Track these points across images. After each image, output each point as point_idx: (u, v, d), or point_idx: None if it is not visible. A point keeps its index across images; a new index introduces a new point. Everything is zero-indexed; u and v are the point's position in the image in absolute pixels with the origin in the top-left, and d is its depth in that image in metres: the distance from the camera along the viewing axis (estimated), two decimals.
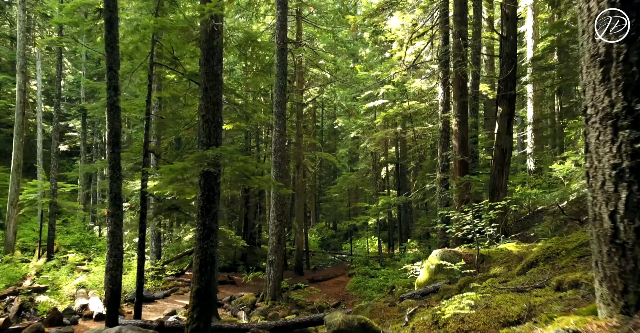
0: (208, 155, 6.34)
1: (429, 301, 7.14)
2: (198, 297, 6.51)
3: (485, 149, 19.93)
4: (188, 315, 6.45)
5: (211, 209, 6.79)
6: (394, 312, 6.93)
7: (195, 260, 6.65)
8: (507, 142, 12.11)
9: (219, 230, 9.88)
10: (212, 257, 6.70)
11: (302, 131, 22.31)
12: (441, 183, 12.92)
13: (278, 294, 14.10)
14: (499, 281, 5.10)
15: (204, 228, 6.74)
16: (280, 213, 14.25)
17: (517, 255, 7.73)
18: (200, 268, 6.60)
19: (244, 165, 6.67)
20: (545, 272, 4.86)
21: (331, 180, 38.89)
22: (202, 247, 6.68)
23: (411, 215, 28.65)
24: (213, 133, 6.89)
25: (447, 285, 7.29)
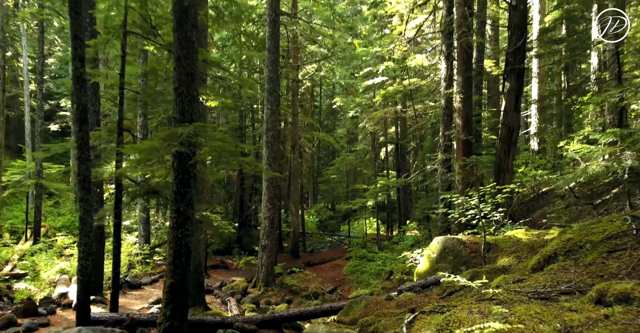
0: (179, 133, 5.55)
1: (430, 295, 6.45)
2: (172, 292, 5.81)
3: (489, 128, 19.10)
4: (161, 312, 5.78)
5: (186, 194, 6.03)
6: (391, 307, 6.24)
7: (169, 251, 5.94)
8: (515, 120, 11.28)
9: (205, 215, 9.16)
10: (187, 248, 5.98)
11: (298, 110, 21.43)
12: (443, 165, 12.15)
13: (271, 280, 13.51)
14: (513, 279, 4.37)
15: (178, 215, 5.99)
16: (273, 196, 13.53)
17: (527, 244, 7.01)
18: (174, 260, 5.89)
19: (223, 145, 5.90)
20: (568, 270, 4.13)
21: (330, 161, 38.11)
22: (177, 236, 5.95)
23: (410, 196, 28.00)
24: (187, 108, 6.07)
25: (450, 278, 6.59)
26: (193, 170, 6.15)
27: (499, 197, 7.51)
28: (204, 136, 5.93)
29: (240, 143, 24.29)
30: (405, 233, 19.23)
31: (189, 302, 5.98)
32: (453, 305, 4.50)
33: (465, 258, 7.36)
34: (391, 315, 5.68)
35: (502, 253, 7.04)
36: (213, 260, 18.67)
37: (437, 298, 6.15)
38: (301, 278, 15.06)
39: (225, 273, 15.93)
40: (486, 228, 7.55)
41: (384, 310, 6.00)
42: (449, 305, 4.65)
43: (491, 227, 8.27)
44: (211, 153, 6.02)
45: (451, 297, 5.95)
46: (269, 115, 13.53)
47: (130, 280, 12.73)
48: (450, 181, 12.19)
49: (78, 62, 7.28)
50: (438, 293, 6.48)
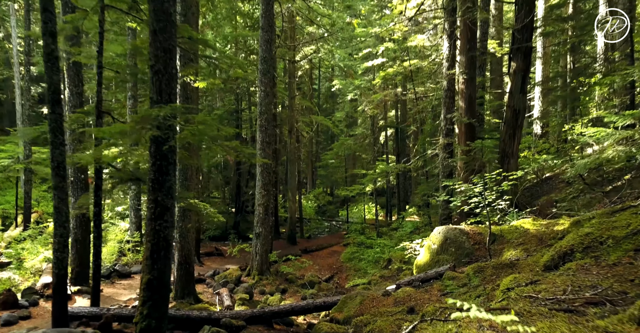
0: (153, 115, 4.99)
1: (431, 291, 5.98)
2: (149, 289, 5.33)
3: (492, 111, 18.48)
4: (137, 311, 5.31)
5: (164, 182, 5.50)
6: (388, 305, 5.78)
7: (146, 245, 5.44)
8: (521, 102, 10.69)
9: (192, 203, 8.65)
10: (166, 241, 5.48)
11: (295, 93, 20.76)
12: (444, 150, 11.60)
13: (265, 268, 13.09)
14: (525, 279, 3.87)
15: (156, 205, 5.47)
16: (267, 182, 13.01)
17: (536, 235, 6.52)
18: (151, 255, 5.39)
19: (203, 129, 5.34)
20: (589, 271, 3.62)
21: (329, 145, 37.50)
22: (154, 228, 5.43)
23: (410, 181, 27.52)
24: (165, 88, 5.49)
25: (453, 272, 6.11)
26: (172, 156, 5.59)
27: (504, 184, 6.98)
28: (182, 118, 5.36)
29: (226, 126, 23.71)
30: (405, 219, 18.78)
31: (169, 300, 5.52)
32: (457, 308, 4.01)
33: (468, 250, 6.88)
34: (388, 314, 5.20)
35: (508, 246, 6.55)
36: (208, 247, 18.28)
37: (439, 295, 5.68)
38: (297, 266, 14.65)
39: (220, 261, 15.53)
40: (491, 218, 7.04)
41: (380, 309, 5.53)
42: (453, 307, 4.16)
43: (495, 216, 7.77)
44: (192, 138, 5.47)
45: (453, 294, 5.47)
46: (263, 97, 12.92)
47: (119, 268, 12.30)
48: (452, 167, 11.66)
49: (49, 38, 6.69)
50: (439, 288, 6.01)
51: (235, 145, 6.02)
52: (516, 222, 7.46)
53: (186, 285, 10.01)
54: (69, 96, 10.39)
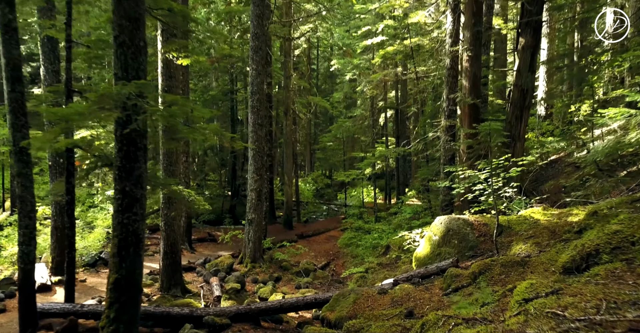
0: (114, 93, 4.33)
1: (432, 290, 5.41)
2: (117, 289, 4.76)
3: (495, 91, 17.73)
4: (104, 315, 4.77)
5: (133, 170, 4.87)
6: (385, 305, 5.22)
7: (113, 240, 4.85)
8: (529, 81, 9.99)
9: (176, 190, 8.03)
10: (136, 236, 4.88)
11: (291, 72, 19.95)
12: (446, 132, 10.94)
13: (259, 256, 12.58)
14: (543, 286, 3.28)
15: (124, 196, 4.85)
16: (260, 167, 12.38)
17: (547, 227, 5.92)
18: (119, 252, 4.80)
19: (174, 110, 4.68)
20: (623, 280, 3.03)
21: (328, 127, 36.77)
22: (122, 222, 4.83)
23: (410, 164, 26.90)
24: (131, 62, 4.81)
25: (456, 268, 5.53)
26: (142, 140, 4.95)
27: (513, 170, 6.35)
28: (151, 97, 4.69)
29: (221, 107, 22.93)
30: (404, 203, 18.23)
31: (140, 301, 4.97)
32: (463, 318, 3.44)
33: (473, 243, 6.30)
34: (384, 318, 4.64)
35: (517, 238, 5.96)
36: (201, 232, 17.77)
37: (440, 295, 5.12)
38: (292, 252, 14.15)
39: (213, 247, 15.04)
40: (498, 207, 6.44)
41: (375, 311, 4.97)
42: (457, 315, 3.59)
43: (501, 204, 7.15)
44: (162, 119, 4.82)
45: (457, 294, 4.91)
46: (255, 76, 12.18)
47: (106, 256, 11.78)
48: (454, 150, 11.02)
49: (6, 7, 5.95)
50: (441, 286, 5.45)
51: (215, 129, 5.37)
52: (525, 212, 6.87)
53: (172, 275, 9.49)
54: (44, 74, 9.68)
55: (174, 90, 9.23)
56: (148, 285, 9.67)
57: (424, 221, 14.05)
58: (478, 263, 5.12)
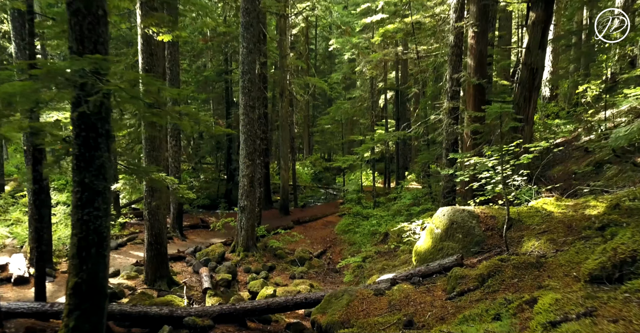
0: (62, 70, 3.68)
1: (434, 292, 4.85)
2: (77, 295, 4.20)
3: (500, 71, 16.97)
4: (62, 323, 4.22)
5: (93, 159, 4.25)
6: (381, 309, 4.66)
7: (72, 240, 4.27)
8: (540, 59, 9.28)
9: (156, 178, 7.41)
10: (98, 234, 4.30)
11: (287, 51, 19.10)
12: (449, 114, 10.26)
13: (252, 244, 12.06)
14: (573, 305, 2.69)
15: (83, 189, 4.25)
16: (251, 151, 11.75)
17: (562, 220, 5.34)
18: (79, 252, 4.22)
19: (137, 91, 4.04)
20: None
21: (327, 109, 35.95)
22: (82, 219, 4.24)
23: (410, 146, 26.26)
24: (88, 34, 4.14)
25: (461, 268, 4.96)
26: (104, 125, 4.31)
27: (524, 157, 5.72)
28: (111, 75, 4.04)
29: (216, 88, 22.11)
30: (403, 188, 17.66)
31: (105, 307, 4.41)
32: None
33: (479, 238, 5.72)
34: (380, 327, 4.09)
35: (529, 233, 5.38)
36: (194, 218, 17.25)
37: (444, 299, 4.56)
38: (287, 240, 13.64)
39: (205, 234, 14.53)
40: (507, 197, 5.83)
41: (370, 318, 4.42)
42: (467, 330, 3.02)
43: (510, 193, 6.53)
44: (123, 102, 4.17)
45: (462, 299, 4.35)
46: (246, 55, 11.44)
47: None
48: (457, 134, 10.37)
49: None
50: (444, 288, 4.89)
51: (190, 111, 4.72)
52: (536, 203, 6.27)
53: (158, 267, 8.96)
54: (16, 51, 8.97)
55: (156, 69, 8.54)
56: (132, 277, 9.15)
57: (425, 207, 13.50)
58: (487, 264, 4.55)
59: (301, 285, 9.73)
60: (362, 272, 10.62)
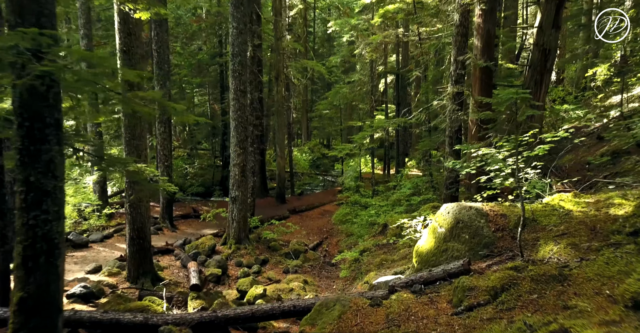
0: None
1: (438, 303, 4.26)
2: (23, 312, 3.61)
3: (505, 53, 16.17)
4: None
5: (40, 154, 3.61)
6: (377, 324, 4.08)
7: (17, 248, 3.67)
8: (553, 39, 8.55)
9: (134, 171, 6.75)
10: (48, 241, 3.69)
11: (283, 33, 18.28)
12: (453, 100, 9.57)
13: (244, 236, 11.49)
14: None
15: (29, 188, 3.62)
16: (243, 139, 11.09)
17: (583, 221, 4.72)
18: (24, 262, 3.62)
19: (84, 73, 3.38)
20: None
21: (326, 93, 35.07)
22: (27, 223, 3.61)
23: (410, 131, 25.53)
24: (28, 4, 3.46)
25: (468, 277, 4.36)
26: (54, 114, 3.65)
27: (539, 149, 5.08)
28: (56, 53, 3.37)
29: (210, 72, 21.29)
30: (403, 177, 17.05)
31: (58, 323, 3.82)
32: None
33: (488, 239, 5.11)
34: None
35: (545, 236, 4.76)
36: (186, 207, 16.67)
37: (449, 313, 3.97)
38: (282, 231, 13.08)
39: (197, 225, 13.96)
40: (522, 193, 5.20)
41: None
42: None
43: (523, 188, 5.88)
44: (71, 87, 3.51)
45: (471, 316, 3.75)
46: (235, 35, 10.69)
47: (74, 238, 10.68)
48: (461, 121, 9.70)
49: None
50: (449, 299, 4.30)
51: (154, 96, 4.06)
52: (551, 199, 5.64)
53: (141, 263, 8.40)
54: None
55: (135, 50, 7.82)
56: (114, 273, 8.59)
57: (425, 197, 12.91)
58: (500, 276, 3.94)
59: (294, 281, 9.19)
60: (359, 266, 10.08)
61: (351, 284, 9.29)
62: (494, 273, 4.27)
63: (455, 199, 9.75)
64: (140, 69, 7.97)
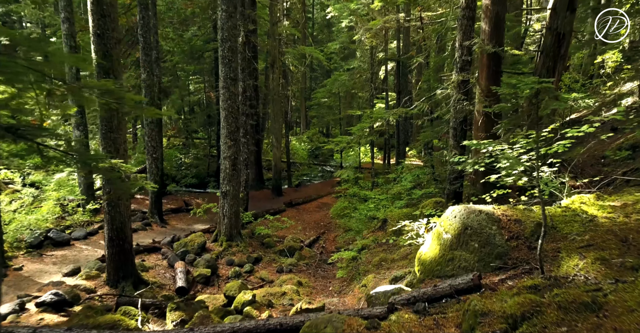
0: None
1: (444, 327, 3.66)
2: None
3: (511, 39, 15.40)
4: None
5: None
6: None
7: None
8: (568, 22, 7.84)
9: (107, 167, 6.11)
10: None
11: (279, 18, 17.48)
12: (458, 89, 8.88)
13: (236, 233, 10.90)
14: None
15: None
16: (233, 130, 10.42)
17: (611, 229, 4.10)
18: None
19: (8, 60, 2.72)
20: None
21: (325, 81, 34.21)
22: None
23: (411, 120, 24.82)
24: None
25: (481, 297, 3.73)
26: None
27: (559, 145, 4.43)
28: None
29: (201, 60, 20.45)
30: (404, 168, 16.41)
31: None
32: None
33: (501, 249, 4.50)
34: None
35: (567, 247, 4.14)
36: (178, 200, 16.06)
37: None
38: (276, 226, 12.51)
39: (188, 219, 13.37)
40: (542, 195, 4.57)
41: None
42: None
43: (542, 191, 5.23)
44: None
45: None
46: (225, 19, 9.95)
47: (54, 235, 10.08)
48: (467, 111, 9.02)
49: None
50: (458, 323, 3.69)
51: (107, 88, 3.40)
52: (570, 201, 5.01)
53: (122, 265, 7.82)
54: None
55: (110, 34, 7.12)
56: (93, 276, 8.01)
57: (427, 191, 12.28)
58: (519, 301, 3.32)
59: (288, 283, 8.63)
60: (357, 265, 9.51)
61: (348, 286, 8.73)
62: (509, 291, 3.66)
63: (460, 195, 9.13)
64: (117, 55, 7.27)
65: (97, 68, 7.16)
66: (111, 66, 7.19)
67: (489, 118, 8.26)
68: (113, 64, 7.22)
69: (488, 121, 8.29)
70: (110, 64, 7.19)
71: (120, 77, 7.33)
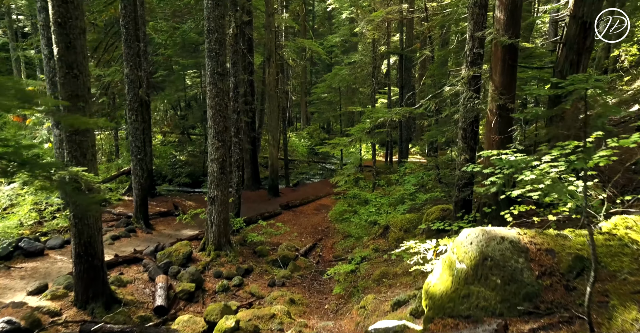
0: None
1: None
2: None
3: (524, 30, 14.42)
4: None
5: None
6: None
7: None
8: (595, 9, 6.92)
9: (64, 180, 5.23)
10: None
11: (275, 8, 16.53)
12: (469, 85, 7.97)
13: (225, 242, 10.06)
14: None
15: None
16: (221, 130, 9.54)
17: None
18: None
19: None
20: None
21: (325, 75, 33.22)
22: None
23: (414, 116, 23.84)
24: None
25: None
26: None
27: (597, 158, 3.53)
28: None
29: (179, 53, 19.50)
30: (407, 169, 15.52)
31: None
32: None
33: (530, 289, 3.62)
34: None
35: (619, 290, 3.26)
36: (168, 202, 15.21)
37: None
38: (270, 232, 11.67)
39: (176, 224, 12.50)
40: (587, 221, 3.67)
41: None
42: None
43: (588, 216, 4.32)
44: None
45: None
46: (212, 8, 9.04)
47: (26, 245, 9.23)
48: (478, 110, 8.12)
49: None
50: None
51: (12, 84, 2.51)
52: (611, 224, 4.12)
53: (91, 284, 6.98)
54: None
55: (73, 23, 6.24)
56: (59, 296, 7.16)
57: (432, 195, 11.41)
58: None
59: (278, 302, 7.81)
60: (355, 279, 8.67)
61: (345, 304, 7.89)
62: None
63: (469, 204, 8.25)
64: (81, 46, 6.39)
65: (59, 62, 6.29)
66: (75, 59, 6.32)
67: (503, 118, 7.37)
68: (77, 57, 6.34)
69: (502, 121, 7.39)
70: (74, 57, 6.32)
71: (85, 72, 6.45)
